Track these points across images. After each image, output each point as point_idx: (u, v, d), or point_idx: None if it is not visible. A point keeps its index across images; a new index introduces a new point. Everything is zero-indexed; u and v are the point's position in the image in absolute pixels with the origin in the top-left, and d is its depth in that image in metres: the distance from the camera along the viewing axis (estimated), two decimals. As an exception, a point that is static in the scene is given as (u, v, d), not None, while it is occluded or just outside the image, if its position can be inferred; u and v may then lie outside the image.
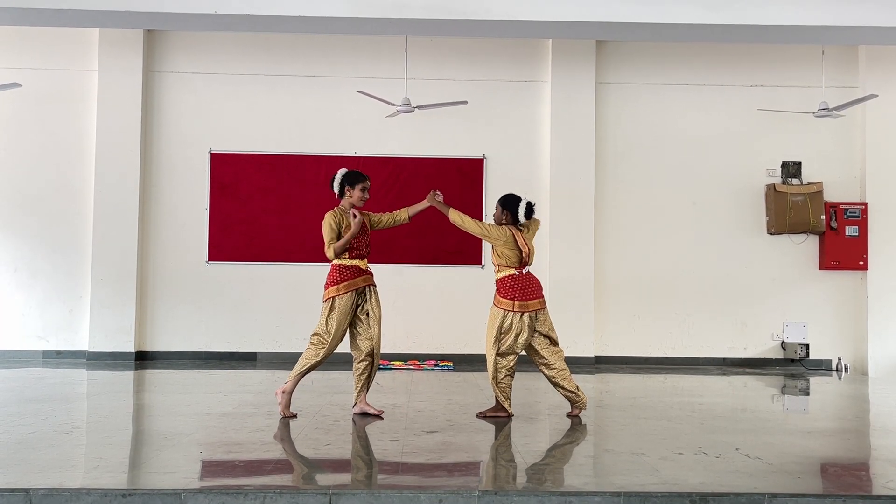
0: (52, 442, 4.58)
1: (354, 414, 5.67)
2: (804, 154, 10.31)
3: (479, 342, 6.31)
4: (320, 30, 8.52)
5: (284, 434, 5.08)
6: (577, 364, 9.77)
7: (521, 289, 5.78)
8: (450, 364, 9.35)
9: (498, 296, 5.81)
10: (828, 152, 10.33)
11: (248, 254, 10.06)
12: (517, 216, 5.88)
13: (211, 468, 4.16)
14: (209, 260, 10.05)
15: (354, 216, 5.69)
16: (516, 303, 5.74)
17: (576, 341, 9.96)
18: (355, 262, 5.68)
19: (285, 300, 10.04)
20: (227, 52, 10.17)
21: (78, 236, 9.97)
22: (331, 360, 5.97)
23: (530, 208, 5.89)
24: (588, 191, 10.07)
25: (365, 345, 5.60)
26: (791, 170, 10.28)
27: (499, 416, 5.70)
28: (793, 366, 10.03)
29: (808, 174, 10.29)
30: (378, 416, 5.60)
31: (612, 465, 4.18)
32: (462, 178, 10.09)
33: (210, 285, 10.03)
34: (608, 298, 10.17)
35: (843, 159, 10.35)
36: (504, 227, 5.89)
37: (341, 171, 5.82)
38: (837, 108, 9.23)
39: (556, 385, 5.77)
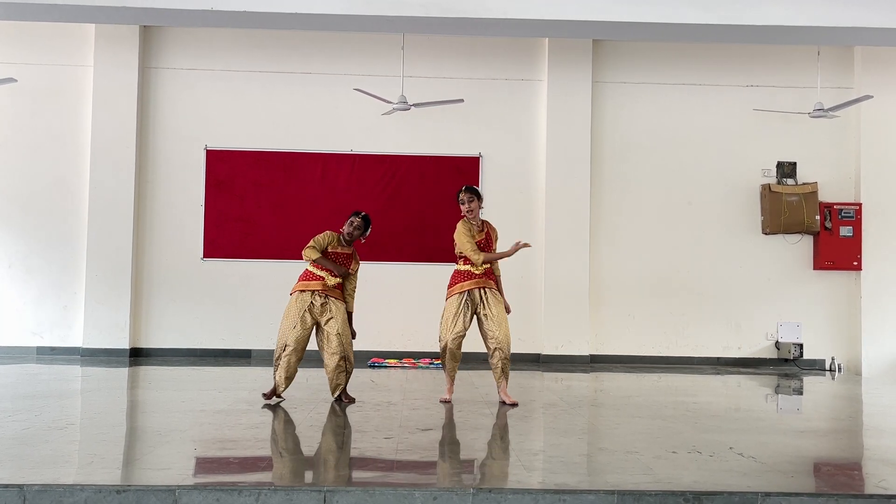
0: (46, 438, 4.57)
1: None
2: (799, 154, 10.34)
3: (475, 340, 6.31)
4: (317, 27, 8.52)
5: (279, 431, 5.08)
6: (572, 363, 9.81)
7: None
8: (445, 362, 9.33)
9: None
10: (823, 153, 10.36)
11: (244, 251, 10.06)
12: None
13: (205, 465, 4.16)
14: (204, 257, 10.04)
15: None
16: None
17: (571, 340, 9.98)
18: (468, 267, 6.12)
19: (280, 297, 9.97)
20: (224, 48, 10.15)
21: (73, 232, 9.95)
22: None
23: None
24: (584, 189, 10.09)
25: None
26: (786, 170, 10.30)
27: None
28: (787, 365, 10.06)
29: (803, 174, 10.31)
30: (512, 405, 6.01)
31: (607, 464, 4.19)
32: (458, 176, 10.09)
33: (205, 282, 10.02)
34: (603, 297, 10.18)
35: (838, 160, 10.38)
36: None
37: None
38: (833, 109, 9.26)
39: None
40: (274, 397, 6.08)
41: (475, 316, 6.09)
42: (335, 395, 6.16)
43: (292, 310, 6.10)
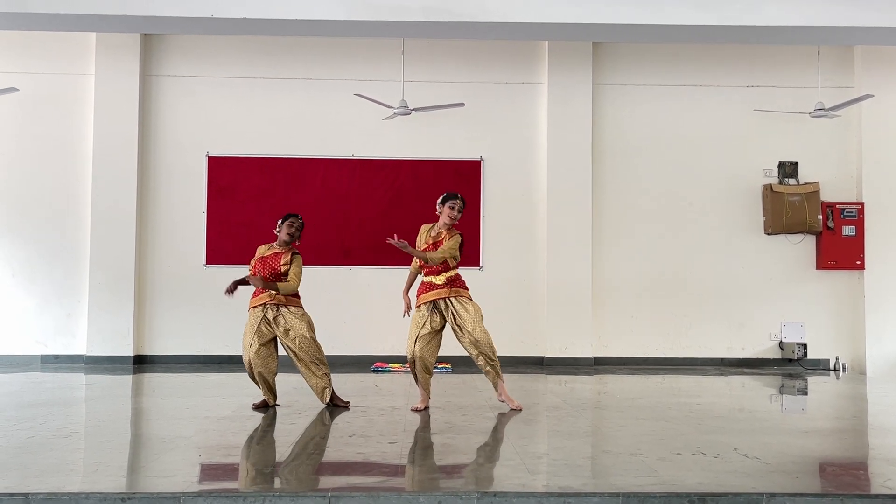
0: (51, 446, 4.58)
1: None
2: (801, 154, 10.33)
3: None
4: (317, 33, 8.53)
5: (283, 437, 5.08)
6: (576, 365, 9.80)
7: None
8: (448, 366, 9.34)
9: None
10: (824, 152, 10.35)
11: (246, 257, 9.93)
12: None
13: (210, 471, 4.16)
14: (207, 263, 10.04)
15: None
16: None
17: (574, 342, 9.97)
18: (430, 277, 6.10)
19: (283, 303, 10.02)
20: (224, 55, 10.17)
21: (76, 240, 9.96)
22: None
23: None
24: (585, 192, 10.08)
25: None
26: (788, 170, 10.29)
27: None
28: (791, 366, 10.05)
29: (804, 174, 10.30)
30: (516, 410, 5.97)
31: (611, 466, 4.18)
32: (459, 179, 10.09)
33: (208, 288, 10.00)
34: (606, 299, 10.17)
35: (839, 159, 10.37)
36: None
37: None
38: (833, 109, 9.25)
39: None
40: (266, 407, 6.10)
41: (448, 327, 6.04)
42: (327, 400, 6.13)
43: (247, 327, 6.13)
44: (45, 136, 10.04)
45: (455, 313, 5.98)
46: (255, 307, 6.12)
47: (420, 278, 6.23)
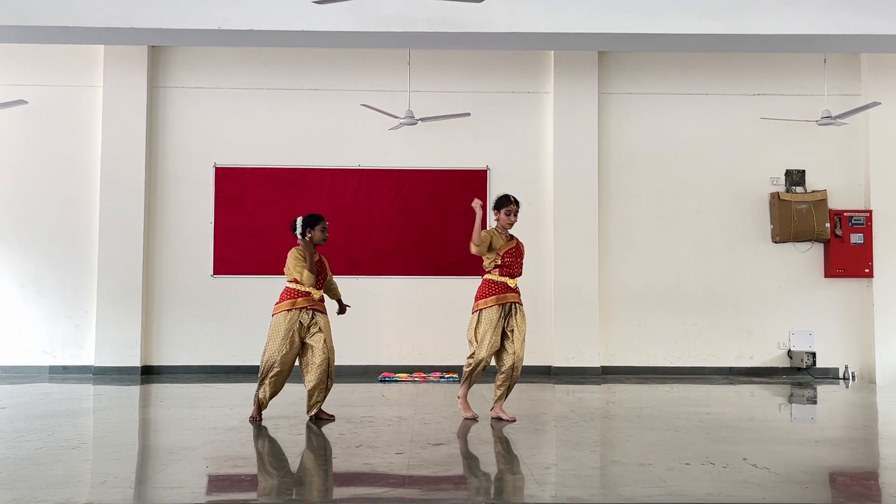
0: (59, 457, 4.58)
1: (491, 418, 5.99)
2: (808, 162, 10.31)
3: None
4: (324, 44, 8.57)
5: (290, 448, 5.08)
6: (583, 374, 9.78)
7: None
8: (455, 376, 9.32)
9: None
10: (831, 160, 10.33)
11: (254, 267, 10.08)
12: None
13: (217, 483, 4.16)
14: (214, 274, 10.07)
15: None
16: None
17: (581, 352, 9.95)
18: (505, 278, 5.98)
19: (290, 313, 10.02)
20: (232, 66, 10.22)
21: (84, 251, 10.00)
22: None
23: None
24: (592, 201, 10.08)
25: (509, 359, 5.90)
26: (795, 178, 10.27)
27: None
28: (800, 374, 10.00)
29: (812, 182, 10.28)
30: (511, 421, 5.87)
31: (619, 476, 4.17)
32: (465, 188, 10.09)
33: (216, 299, 10.04)
34: (613, 308, 10.15)
35: (846, 167, 10.34)
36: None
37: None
38: (840, 116, 9.24)
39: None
40: (260, 413, 6.03)
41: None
42: (312, 413, 5.96)
43: (281, 330, 5.85)
44: (53, 147, 10.09)
45: (514, 319, 5.93)
46: (292, 310, 5.90)
47: (488, 277, 6.07)
